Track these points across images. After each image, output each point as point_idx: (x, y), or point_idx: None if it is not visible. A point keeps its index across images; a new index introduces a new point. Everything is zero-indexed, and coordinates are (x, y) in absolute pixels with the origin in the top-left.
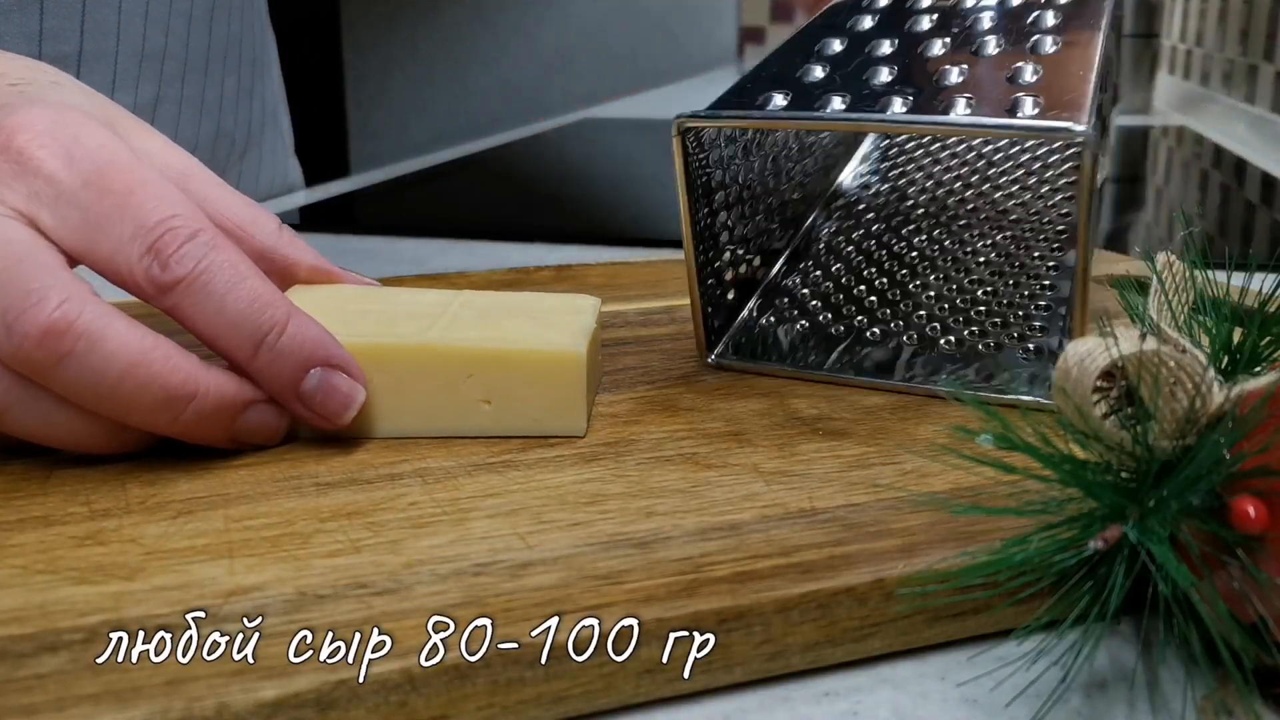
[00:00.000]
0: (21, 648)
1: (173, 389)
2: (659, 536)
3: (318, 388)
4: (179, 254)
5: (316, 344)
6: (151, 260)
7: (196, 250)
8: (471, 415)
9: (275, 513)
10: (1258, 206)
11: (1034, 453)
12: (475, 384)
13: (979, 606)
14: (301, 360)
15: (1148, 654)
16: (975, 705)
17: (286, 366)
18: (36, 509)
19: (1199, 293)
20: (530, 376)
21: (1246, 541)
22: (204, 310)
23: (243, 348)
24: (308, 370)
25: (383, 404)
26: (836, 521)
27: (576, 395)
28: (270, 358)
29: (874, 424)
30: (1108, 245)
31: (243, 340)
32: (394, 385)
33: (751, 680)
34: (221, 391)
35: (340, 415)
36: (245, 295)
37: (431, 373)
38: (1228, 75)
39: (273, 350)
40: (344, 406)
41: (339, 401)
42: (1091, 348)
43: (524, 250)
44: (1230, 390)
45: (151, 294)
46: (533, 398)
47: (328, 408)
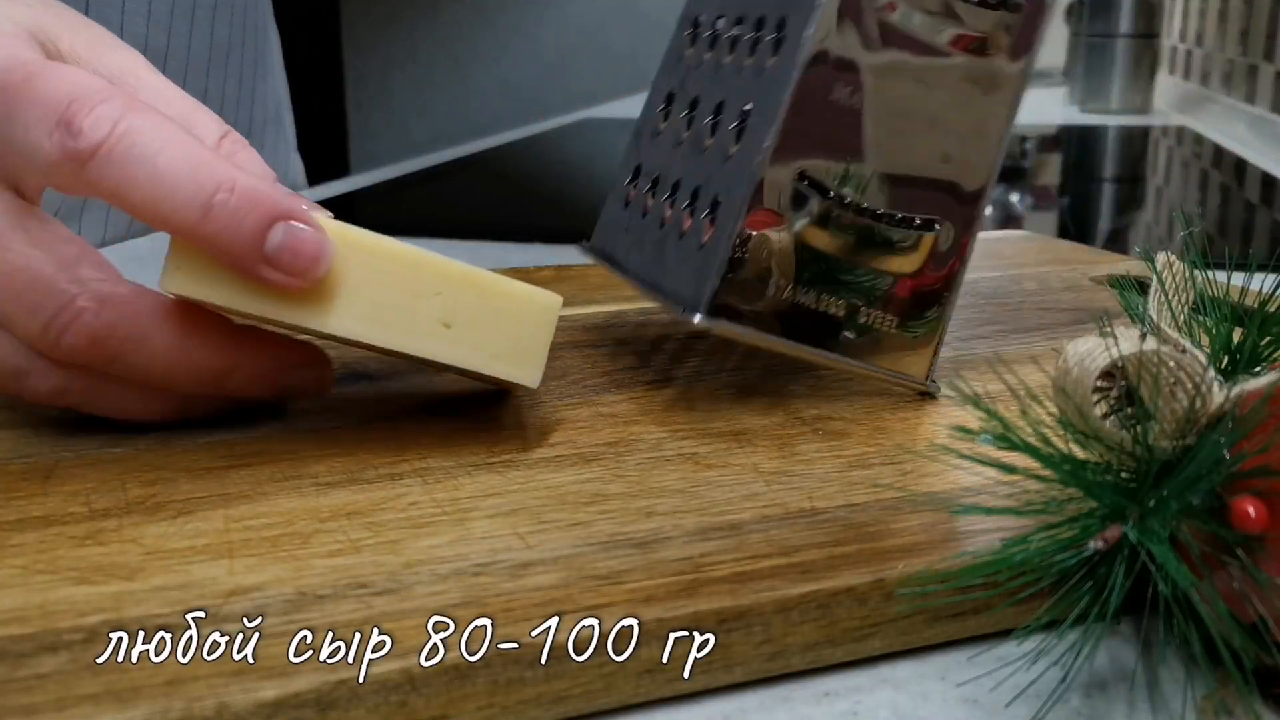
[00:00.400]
0: (21, 648)
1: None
2: (659, 536)
3: (283, 243)
4: (92, 118)
5: (269, 195)
6: (63, 133)
7: (111, 111)
8: (428, 336)
9: (275, 513)
10: (1258, 206)
11: (1034, 453)
12: (441, 303)
13: (979, 606)
14: (261, 215)
15: (1148, 654)
16: (975, 705)
17: (246, 225)
18: (36, 509)
19: (1199, 293)
20: (502, 309)
21: (1246, 541)
22: (134, 177)
23: (188, 211)
24: (270, 225)
25: (339, 298)
26: (836, 521)
27: (542, 342)
28: (225, 218)
29: (874, 424)
30: (1108, 245)
31: (186, 202)
32: (356, 280)
33: (751, 680)
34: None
35: (313, 269)
36: (179, 154)
37: (398, 277)
38: (1228, 75)
39: (226, 209)
40: (315, 259)
41: (308, 254)
42: (1091, 348)
43: (524, 250)
44: (1230, 390)
45: (70, 172)
46: (497, 333)
47: (297, 264)
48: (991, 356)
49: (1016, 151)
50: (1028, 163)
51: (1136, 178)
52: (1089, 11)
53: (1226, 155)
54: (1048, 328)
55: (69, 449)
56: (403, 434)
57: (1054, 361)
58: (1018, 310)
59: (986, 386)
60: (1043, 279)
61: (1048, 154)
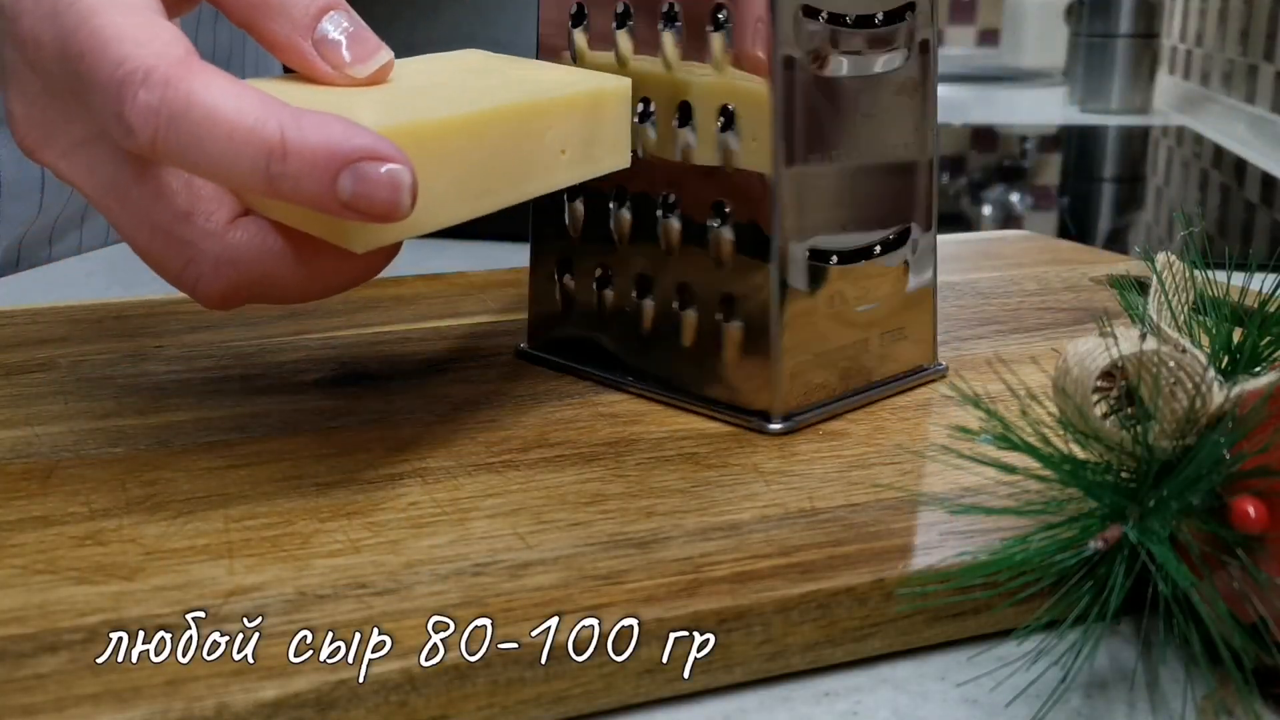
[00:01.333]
0: (21, 648)
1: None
2: (659, 536)
3: (354, 190)
4: (137, 116)
5: (327, 146)
6: (119, 128)
7: (150, 98)
8: (551, 171)
9: (275, 513)
10: (1258, 206)
11: (1034, 453)
12: (553, 136)
13: (979, 606)
14: (322, 171)
15: (1148, 654)
16: (975, 705)
17: (309, 185)
18: (36, 509)
19: (1199, 293)
20: (593, 114)
21: (1246, 541)
22: (194, 160)
23: (253, 183)
24: (335, 178)
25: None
26: (836, 521)
27: (626, 124)
28: (288, 183)
29: (874, 424)
30: (1108, 245)
31: (246, 176)
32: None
33: (751, 680)
34: None
35: (395, 208)
36: (222, 132)
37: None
38: (1228, 75)
39: (284, 175)
40: (393, 197)
41: (384, 196)
42: (1091, 348)
43: (524, 250)
44: (1230, 390)
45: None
46: (596, 135)
47: (375, 208)
48: (991, 356)
49: (1016, 151)
50: (1028, 163)
51: (1136, 178)
52: (1089, 11)
53: (1226, 155)
54: (1048, 328)
55: (69, 449)
56: (403, 434)
57: (1054, 361)
58: (1018, 310)
59: (986, 386)
60: (1043, 279)
61: (1048, 154)
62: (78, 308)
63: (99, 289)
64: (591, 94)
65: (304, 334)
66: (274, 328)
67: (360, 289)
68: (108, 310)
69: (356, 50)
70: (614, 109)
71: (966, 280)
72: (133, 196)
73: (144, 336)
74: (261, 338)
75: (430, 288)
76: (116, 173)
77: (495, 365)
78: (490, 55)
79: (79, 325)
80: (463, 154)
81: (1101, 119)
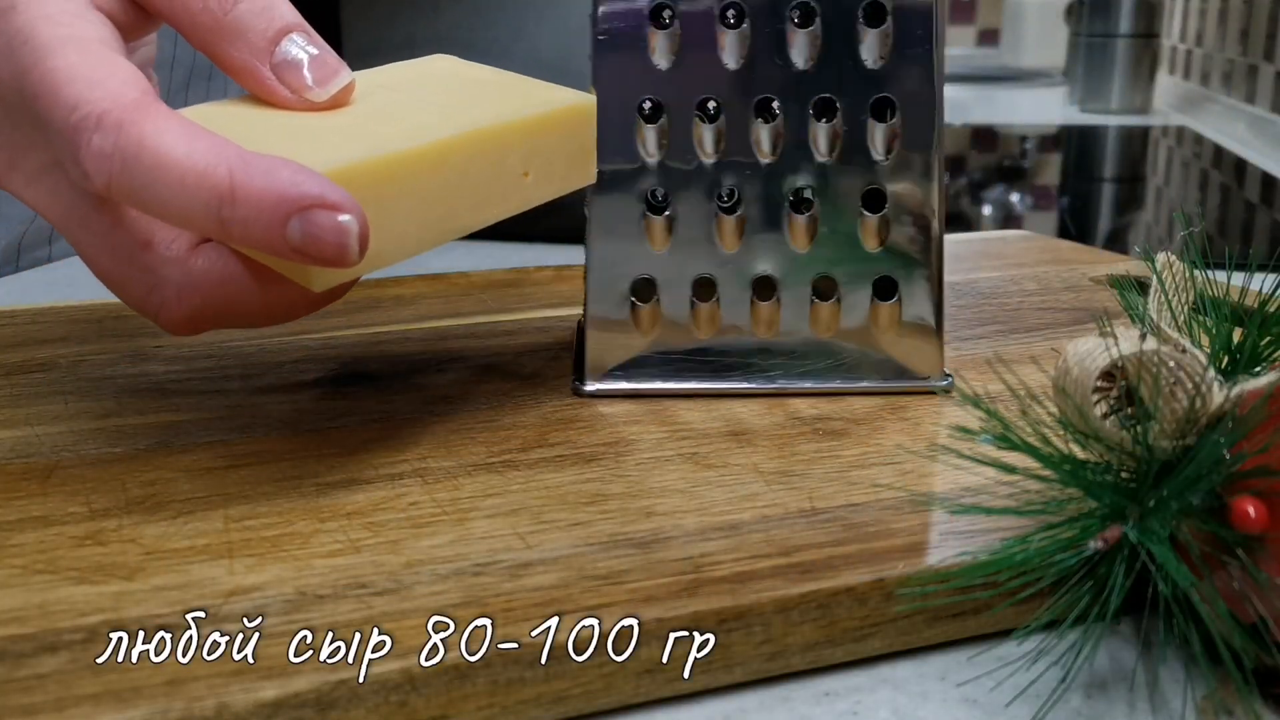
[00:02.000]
0: (21, 648)
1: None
2: (659, 536)
3: (304, 235)
4: (91, 161)
5: (275, 192)
6: (76, 170)
7: (104, 144)
8: (514, 195)
9: (275, 513)
10: (1258, 206)
11: (1034, 453)
12: (517, 158)
13: (979, 606)
14: (269, 217)
15: (1148, 654)
16: (975, 705)
17: (258, 231)
18: (36, 509)
19: (1199, 293)
20: (559, 133)
21: (1246, 541)
22: (147, 203)
23: (205, 226)
24: (284, 223)
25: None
26: (836, 521)
27: (592, 141)
28: (238, 228)
29: (874, 424)
30: (1108, 245)
31: (199, 220)
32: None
33: (751, 680)
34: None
35: (344, 253)
36: (174, 177)
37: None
38: (1228, 75)
39: (234, 220)
40: (342, 242)
41: (333, 241)
42: (1091, 348)
43: (524, 250)
44: (1230, 390)
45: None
46: (560, 155)
47: (325, 252)
48: (991, 356)
49: (1017, 151)
50: (1028, 163)
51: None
52: (1089, 11)
53: (1226, 155)
54: (1048, 328)
55: (69, 449)
56: (403, 434)
57: (1054, 361)
58: (1018, 310)
59: (986, 386)
60: (1043, 279)
61: (1048, 154)
62: (78, 308)
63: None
64: (555, 114)
65: (304, 334)
66: (274, 328)
67: (360, 289)
68: (108, 310)
69: (316, 73)
70: (580, 126)
71: (967, 280)
72: (93, 224)
73: (144, 336)
74: (261, 338)
75: (430, 288)
76: (77, 200)
77: (496, 365)
78: (459, 62)
79: (79, 325)
80: (420, 186)
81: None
